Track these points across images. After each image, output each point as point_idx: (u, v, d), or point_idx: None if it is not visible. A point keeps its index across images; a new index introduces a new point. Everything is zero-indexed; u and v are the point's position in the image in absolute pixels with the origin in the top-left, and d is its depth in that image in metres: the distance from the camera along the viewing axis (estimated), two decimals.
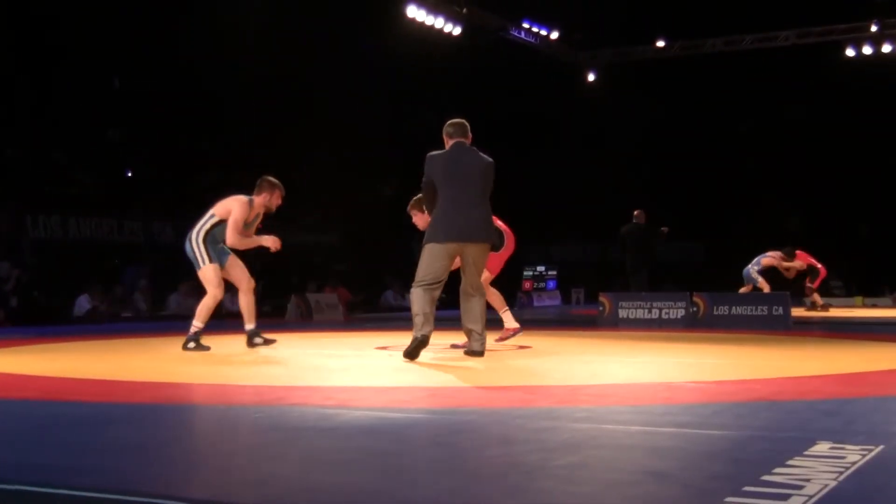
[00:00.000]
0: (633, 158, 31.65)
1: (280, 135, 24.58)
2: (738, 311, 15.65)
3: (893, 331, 13.45)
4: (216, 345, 9.60)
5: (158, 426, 4.86)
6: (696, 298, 15.98)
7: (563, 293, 28.57)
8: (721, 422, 4.74)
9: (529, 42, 28.88)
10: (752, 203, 31.98)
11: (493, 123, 29.75)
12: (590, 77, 30.78)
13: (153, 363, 8.59)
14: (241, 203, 9.76)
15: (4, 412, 5.51)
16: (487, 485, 3.29)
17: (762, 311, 15.53)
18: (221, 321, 17.18)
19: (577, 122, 30.95)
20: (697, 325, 15.13)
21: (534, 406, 5.48)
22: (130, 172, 25.10)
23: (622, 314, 16.16)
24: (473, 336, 8.45)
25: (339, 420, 4.88)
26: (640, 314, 16.07)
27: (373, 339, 11.02)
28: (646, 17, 28.39)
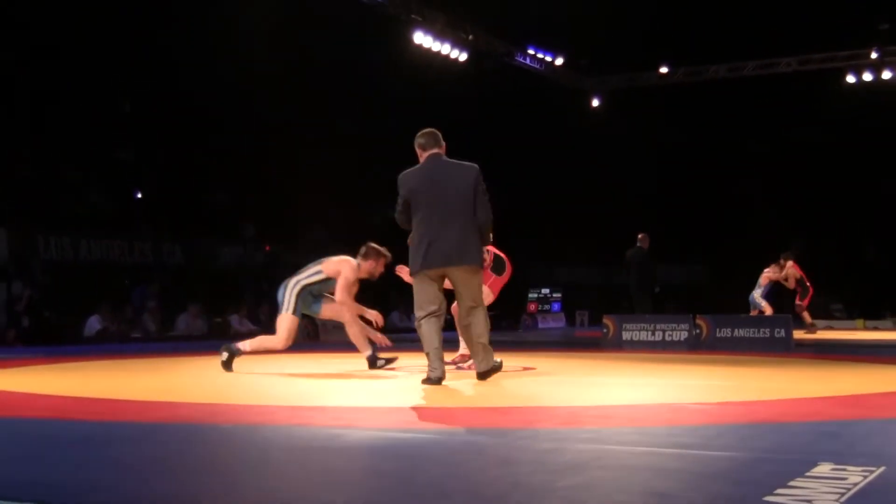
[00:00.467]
0: (638, 182, 31.69)
1: (288, 157, 24.63)
2: (741, 334, 15.61)
3: (894, 353, 13.41)
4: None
5: (165, 445, 4.86)
6: (700, 321, 15.96)
7: (568, 315, 28.55)
8: (724, 443, 4.73)
9: (535, 68, 28.98)
10: (756, 226, 31.97)
11: (499, 148, 29.87)
12: (594, 102, 30.86)
13: (162, 383, 8.59)
14: (352, 266, 9.84)
15: (13, 430, 5.50)
16: None
17: (764, 334, 15.50)
18: (228, 342, 17.18)
19: (582, 147, 30.98)
20: (700, 348, 15.10)
21: (538, 427, 5.47)
22: (140, 194, 25.16)
23: (626, 336, 16.13)
24: (478, 353, 7.90)
25: (347, 440, 4.87)
26: (644, 336, 16.04)
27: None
28: (650, 44, 28.48)
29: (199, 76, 23.51)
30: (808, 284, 20.62)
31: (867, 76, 27.22)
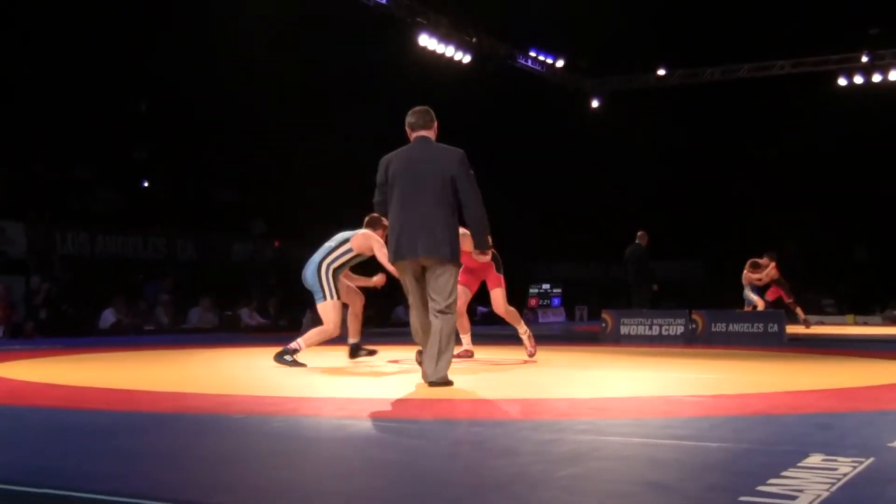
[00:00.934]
0: (636, 182, 31.68)
1: (296, 156, 24.64)
2: (735, 329, 15.62)
3: (883, 348, 13.40)
4: (239, 356, 9.59)
5: (178, 434, 4.86)
6: (695, 316, 15.96)
7: (568, 310, 28.55)
8: (719, 435, 4.72)
9: (536, 70, 28.97)
10: (751, 225, 31.95)
11: (501, 147, 29.85)
12: (594, 104, 30.85)
13: (173, 374, 8.59)
14: (376, 236, 9.66)
15: (30, 419, 5.51)
16: (492, 495, 3.28)
17: (758, 329, 15.51)
18: (238, 335, 17.20)
19: (582, 147, 30.97)
20: (696, 342, 15.09)
21: (538, 418, 5.46)
22: (147, 183, 25.18)
23: (624, 330, 16.14)
24: (433, 363, 6.93)
25: (352, 430, 4.87)
26: (641, 331, 16.05)
27: (384, 353, 11.00)
28: (648, 47, 28.47)
29: (211, 78, 23.51)
30: (783, 281, 20.45)
31: (858, 79, 27.21)
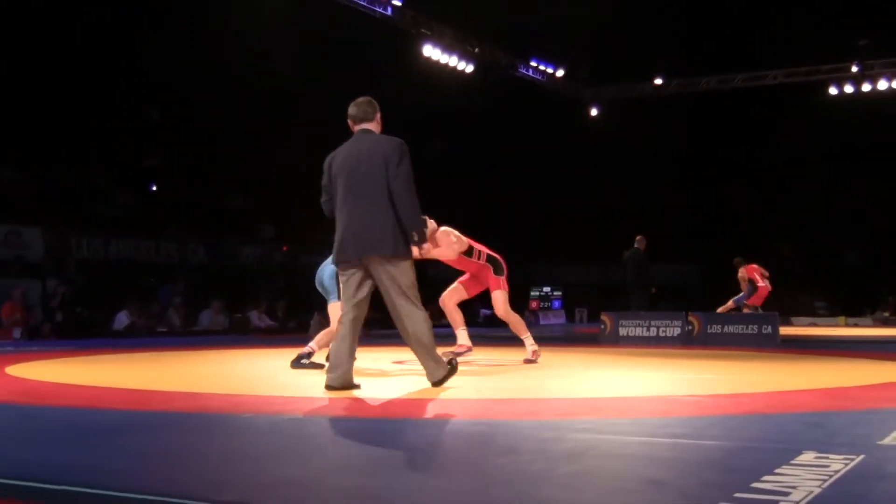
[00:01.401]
0: (634, 187, 31.68)
1: (305, 162, 24.64)
2: (731, 330, 15.62)
3: (873, 348, 13.39)
4: (248, 357, 9.59)
5: (189, 432, 4.86)
6: (692, 318, 15.95)
7: (568, 312, 28.55)
8: (714, 433, 4.72)
9: (537, 79, 29.00)
10: (745, 229, 31.97)
11: (504, 154, 29.87)
12: (593, 112, 30.88)
13: (186, 374, 8.60)
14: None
15: (48, 418, 5.52)
16: (495, 491, 3.28)
17: (753, 330, 15.51)
18: (248, 336, 17.21)
19: (582, 154, 30.98)
20: (692, 343, 15.09)
21: (539, 418, 5.46)
22: (155, 187, 25.20)
23: (622, 332, 16.14)
24: (429, 363, 6.72)
25: (356, 429, 4.87)
26: (639, 332, 16.04)
27: (390, 354, 11.01)
28: (646, 57, 28.50)
29: (220, 87, 23.52)
30: (761, 284, 20.39)
31: (848, 88, 27.25)
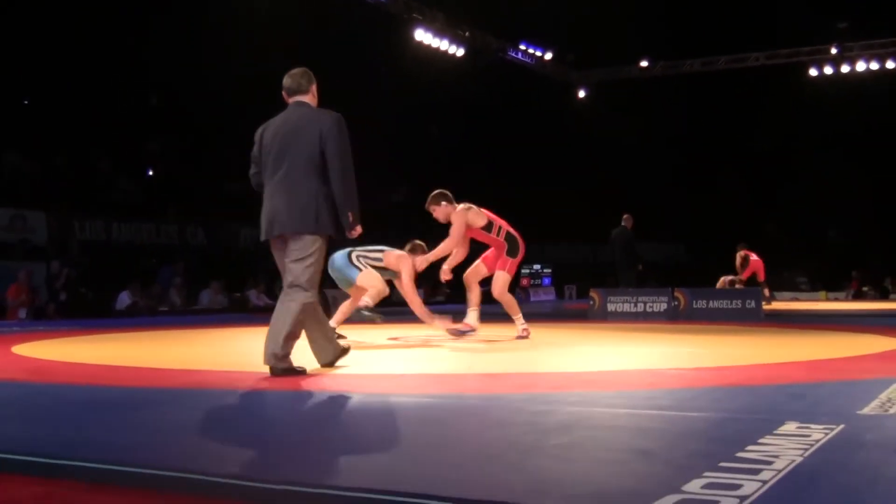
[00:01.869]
0: (622, 167, 31.69)
1: None
2: (715, 305, 15.65)
3: (852, 322, 13.43)
4: (248, 335, 9.59)
5: (192, 408, 4.87)
6: (678, 294, 15.98)
7: (557, 289, 28.61)
8: (699, 405, 4.74)
9: (526, 62, 28.94)
10: (730, 208, 32.05)
11: (495, 135, 29.83)
12: (581, 94, 30.83)
13: (187, 352, 8.60)
14: (410, 262, 9.55)
15: (53, 395, 5.52)
16: (489, 462, 3.29)
17: (737, 305, 15.54)
18: (247, 315, 17.21)
19: (571, 135, 30.97)
20: (678, 318, 15.12)
21: (531, 391, 5.47)
22: (152, 172, 25.14)
23: (611, 308, 16.16)
24: (272, 343, 6.00)
25: (353, 404, 4.88)
26: (627, 308, 16.07)
27: (385, 331, 11.02)
28: (631, 40, 28.46)
29: (217, 72, 23.44)
30: (751, 259, 20.46)
31: (828, 70, 27.26)
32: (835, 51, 26.94)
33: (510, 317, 10.04)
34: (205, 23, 22.71)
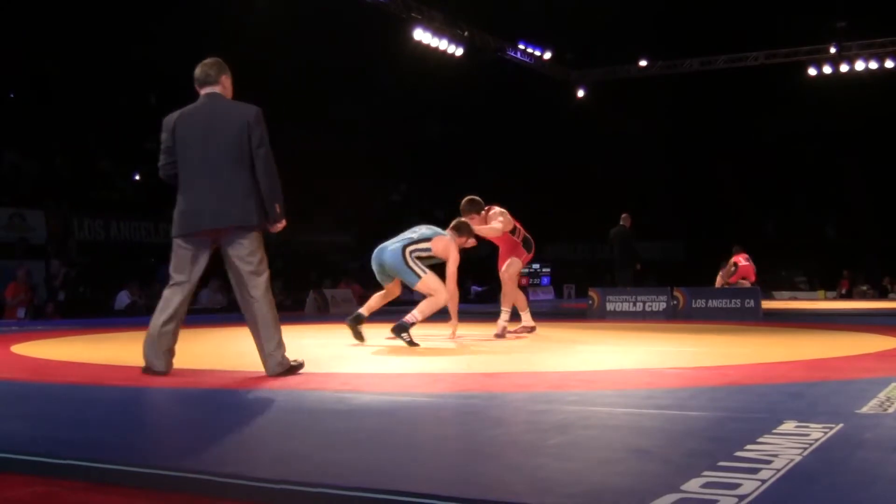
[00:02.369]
0: (621, 167, 31.70)
1: (299, 144, 24.62)
2: (714, 304, 15.66)
3: (851, 321, 13.44)
4: (246, 334, 9.56)
5: (188, 408, 4.87)
6: (677, 293, 16.00)
7: (556, 288, 28.61)
8: (698, 404, 4.74)
9: (525, 62, 28.94)
10: (728, 208, 32.07)
11: (494, 135, 29.83)
12: (579, 93, 30.84)
13: (186, 352, 8.58)
14: (456, 247, 9.34)
15: (53, 395, 5.52)
16: (487, 462, 3.29)
17: (735, 304, 15.56)
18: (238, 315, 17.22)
19: (569, 134, 30.98)
20: (677, 317, 15.13)
21: (529, 391, 5.47)
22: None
23: (609, 307, 16.17)
24: (273, 355, 5.97)
25: (353, 403, 4.88)
26: (626, 307, 16.08)
27: (384, 330, 11.02)
28: (630, 39, 28.48)
29: None
30: (740, 265, 20.46)
31: (827, 69, 27.26)
32: (834, 50, 26.93)
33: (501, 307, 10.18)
34: (204, 22, 22.71)
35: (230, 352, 8.52)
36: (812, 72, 27.55)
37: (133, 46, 22.50)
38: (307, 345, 9.14)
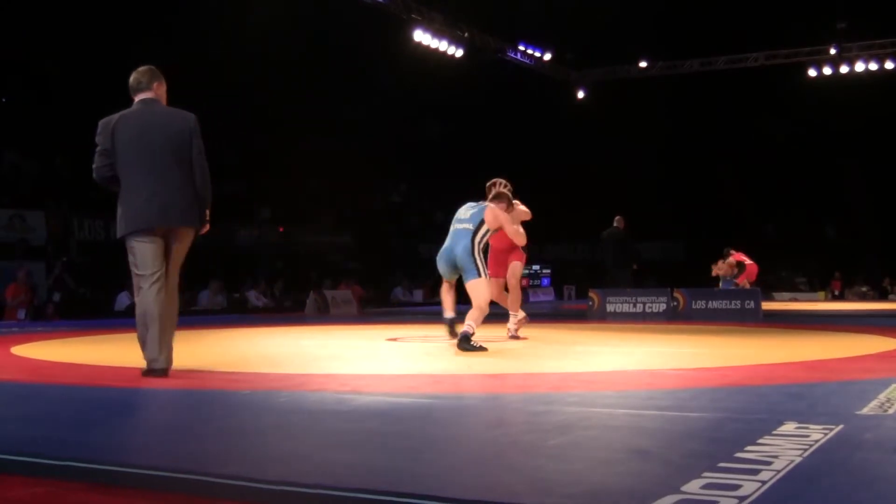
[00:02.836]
0: (621, 167, 31.71)
1: (299, 146, 24.64)
2: (714, 305, 15.67)
3: (851, 322, 13.44)
4: (246, 335, 9.59)
5: (191, 409, 4.87)
6: (677, 294, 16.00)
7: (557, 289, 28.62)
8: (699, 405, 4.74)
9: (525, 62, 28.95)
10: (728, 208, 32.08)
11: (494, 135, 29.84)
12: (580, 94, 30.85)
13: (185, 353, 8.59)
14: (503, 212, 9.19)
15: (53, 396, 5.52)
16: (487, 463, 3.29)
17: (736, 305, 15.56)
18: (245, 315, 17.22)
19: (569, 135, 30.99)
20: (677, 318, 15.13)
21: (530, 392, 5.48)
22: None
23: (610, 308, 16.17)
24: (156, 345, 6.11)
25: (354, 404, 4.88)
26: (626, 308, 16.08)
27: (384, 332, 11.02)
28: (630, 40, 28.49)
29: (216, 73, 23.46)
30: (748, 263, 20.49)
31: (827, 70, 27.27)
32: (834, 51, 26.94)
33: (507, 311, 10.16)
34: (204, 24, 22.73)
35: (230, 353, 8.51)
36: (812, 73, 27.55)
37: (133, 46, 22.48)
38: (307, 345, 9.14)
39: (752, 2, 27.43)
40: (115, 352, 8.66)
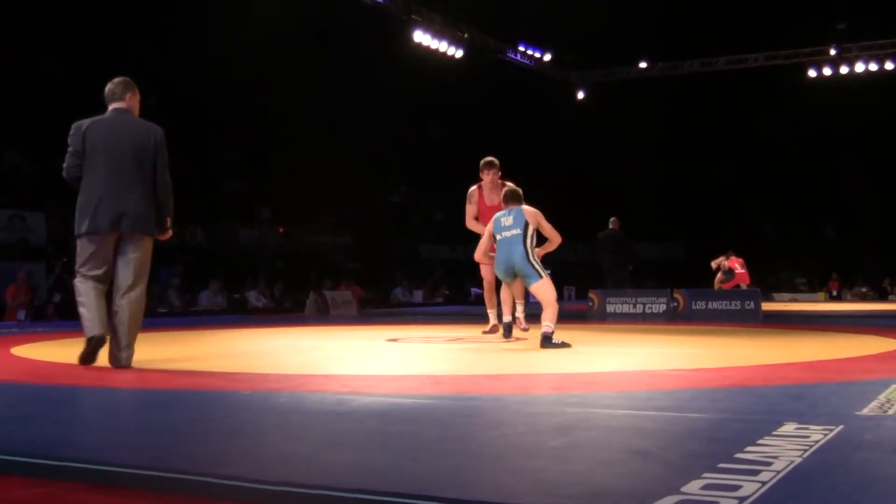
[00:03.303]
0: (621, 167, 31.72)
1: (300, 147, 24.63)
2: (715, 306, 15.67)
3: (851, 322, 13.45)
4: (247, 336, 9.59)
5: (191, 410, 4.87)
6: (677, 294, 16.00)
7: (556, 290, 28.58)
8: (699, 405, 4.74)
9: (525, 63, 28.96)
10: (728, 207, 32.09)
11: (493, 135, 29.82)
12: (579, 94, 30.86)
13: (186, 353, 8.60)
14: (534, 210, 9.34)
15: (53, 397, 5.52)
16: (487, 464, 3.29)
17: (736, 306, 15.56)
18: (246, 316, 17.21)
19: (569, 135, 30.99)
20: (678, 319, 15.13)
21: (529, 392, 5.47)
22: None
23: (610, 309, 16.18)
24: (122, 346, 6.62)
25: (354, 405, 4.88)
26: (626, 309, 16.09)
27: (384, 332, 11.02)
28: (630, 41, 28.51)
29: (218, 74, 23.47)
30: (739, 272, 20.49)
31: (827, 71, 27.29)
32: (834, 52, 26.96)
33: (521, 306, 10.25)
34: (204, 25, 22.74)
35: (230, 353, 8.51)
36: (812, 73, 27.59)
37: (133, 46, 22.49)
38: (307, 346, 9.14)
39: (752, 2, 27.45)
40: None
